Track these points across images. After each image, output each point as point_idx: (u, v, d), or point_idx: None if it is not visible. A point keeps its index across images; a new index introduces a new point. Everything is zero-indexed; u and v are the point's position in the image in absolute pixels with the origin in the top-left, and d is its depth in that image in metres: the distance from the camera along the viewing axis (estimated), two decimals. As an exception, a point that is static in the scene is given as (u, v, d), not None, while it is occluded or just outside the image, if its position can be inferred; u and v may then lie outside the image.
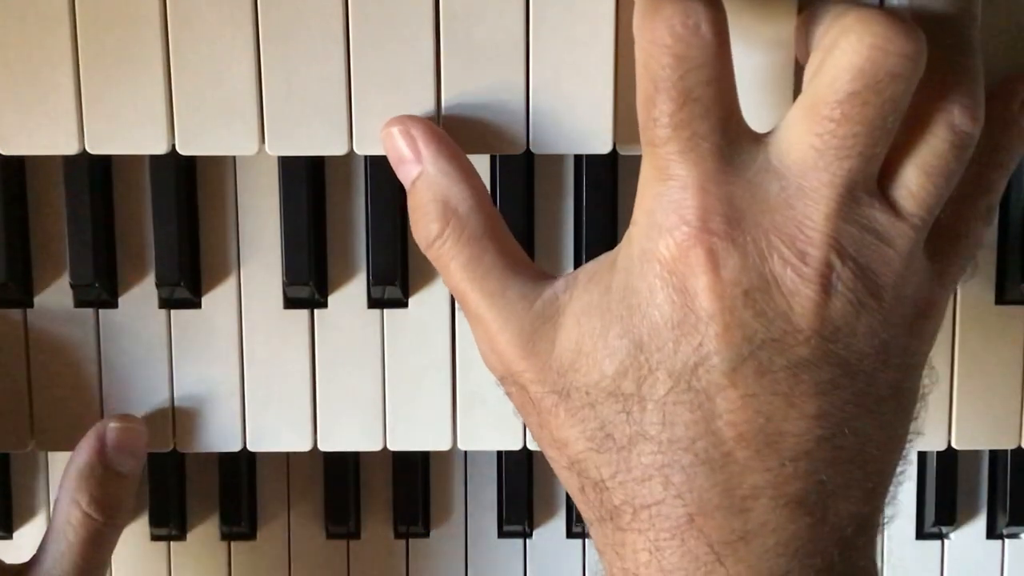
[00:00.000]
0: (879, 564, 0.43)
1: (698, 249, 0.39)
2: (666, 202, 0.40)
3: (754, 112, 0.41)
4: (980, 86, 0.41)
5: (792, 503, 0.40)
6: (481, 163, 0.50)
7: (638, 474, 0.40)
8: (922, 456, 0.57)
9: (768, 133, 0.40)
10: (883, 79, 0.38)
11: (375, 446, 0.53)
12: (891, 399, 0.41)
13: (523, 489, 0.58)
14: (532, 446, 0.52)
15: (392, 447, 0.53)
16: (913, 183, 0.40)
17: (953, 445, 0.54)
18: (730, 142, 0.39)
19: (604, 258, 0.43)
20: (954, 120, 0.40)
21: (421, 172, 0.44)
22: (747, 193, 0.39)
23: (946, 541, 0.59)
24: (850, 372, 0.40)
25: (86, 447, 0.51)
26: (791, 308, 0.39)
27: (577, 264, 0.51)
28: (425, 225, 0.44)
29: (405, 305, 0.52)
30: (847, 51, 0.38)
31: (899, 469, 0.43)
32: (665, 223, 0.40)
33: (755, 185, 0.39)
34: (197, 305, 0.52)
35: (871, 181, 0.40)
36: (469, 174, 0.44)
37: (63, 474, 0.52)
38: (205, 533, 0.58)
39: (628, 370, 0.40)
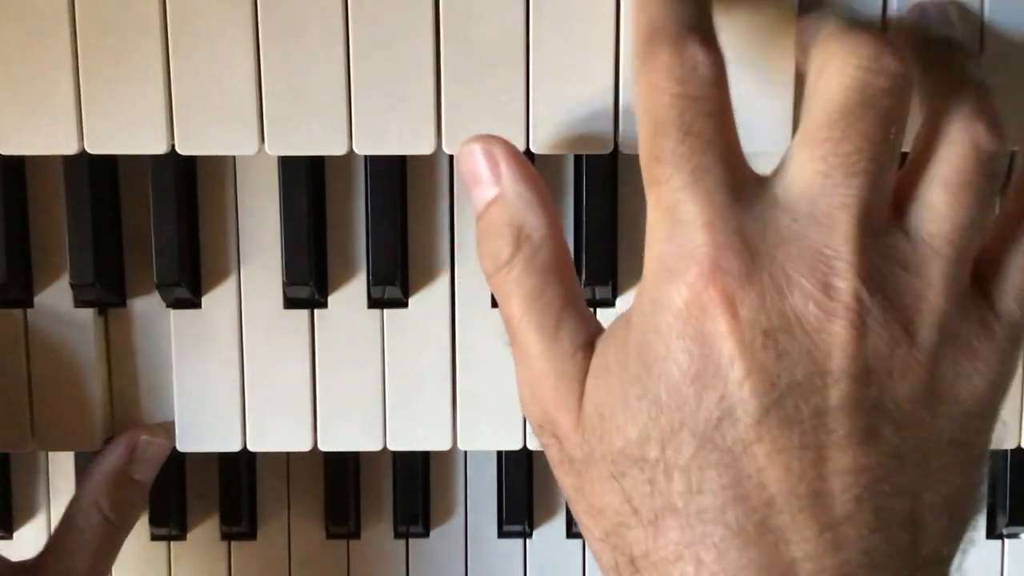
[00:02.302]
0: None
1: (711, 291, 0.36)
2: (674, 245, 0.37)
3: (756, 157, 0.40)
4: (997, 108, 0.39)
5: None
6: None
7: (668, 553, 0.37)
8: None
9: (771, 173, 0.39)
10: (875, 95, 0.36)
11: (375, 446, 0.53)
12: (943, 454, 0.37)
13: (523, 489, 0.58)
14: (532, 446, 0.52)
15: (392, 447, 0.53)
16: (936, 202, 0.38)
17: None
18: (734, 177, 0.38)
19: (622, 316, 0.40)
20: (978, 138, 0.38)
21: (498, 195, 0.42)
22: (758, 228, 0.37)
23: (946, 541, 0.59)
24: (888, 419, 0.36)
25: (116, 453, 0.52)
26: (816, 347, 0.36)
27: (577, 264, 0.51)
28: (496, 249, 0.41)
29: (405, 305, 0.52)
30: (835, 75, 0.37)
31: (963, 536, 0.39)
32: (675, 268, 0.37)
33: (765, 220, 0.37)
34: (197, 305, 0.52)
35: (885, 206, 0.38)
36: (546, 202, 0.42)
37: (84, 475, 0.53)
38: (205, 533, 0.58)
39: (651, 434, 0.37)
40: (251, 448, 0.53)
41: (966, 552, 0.39)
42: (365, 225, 0.51)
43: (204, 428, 0.52)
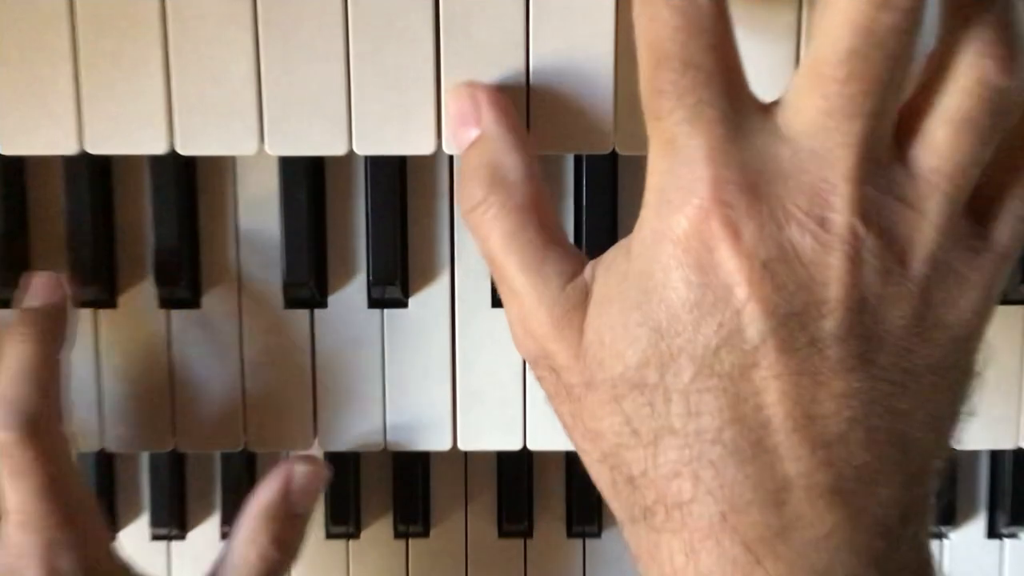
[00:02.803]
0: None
1: (712, 222, 0.37)
2: (675, 177, 0.38)
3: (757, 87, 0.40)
4: (1020, 38, 0.38)
5: (828, 493, 0.37)
6: (481, 163, 0.50)
7: (666, 471, 0.39)
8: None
9: (774, 102, 0.39)
10: (883, 34, 0.36)
11: (375, 446, 0.53)
12: (932, 376, 0.38)
13: (523, 489, 0.58)
14: (532, 446, 0.52)
15: (392, 447, 0.53)
16: (938, 138, 0.38)
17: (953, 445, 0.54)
18: (736, 110, 0.38)
19: (621, 244, 0.41)
20: (987, 74, 0.37)
21: (478, 136, 0.44)
22: (758, 161, 0.38)
23: (946, 541, 0.59)
24: (881, 346, 0.38)
25: (271, 487, 0.52)
26: (812, 278, 0.37)
27: (577, 264, 0.51)
28: (471, 189, 0.43)
29: (405, 305, 0.52)
30: (842, 10, 0.37)
31: (948, 450, 0.40)
32: (675, 199, 0.38)
33: (766, 153, 0.38)
34: (197, 305, 0.52)
35: (887, 141, 0.38)
36: (523, 144, 0.43)
37: (242, 515, 0.52)
38: (205, 533, 0.58)
39: (650, 359, 0.38)
40: (251, 448, 0.53)
41: (954, 462, 0.40)
42: (365, 225, 0.51)
43: (204, 428, 0.52)
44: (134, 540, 0.57)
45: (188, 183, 0.51)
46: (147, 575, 0.51)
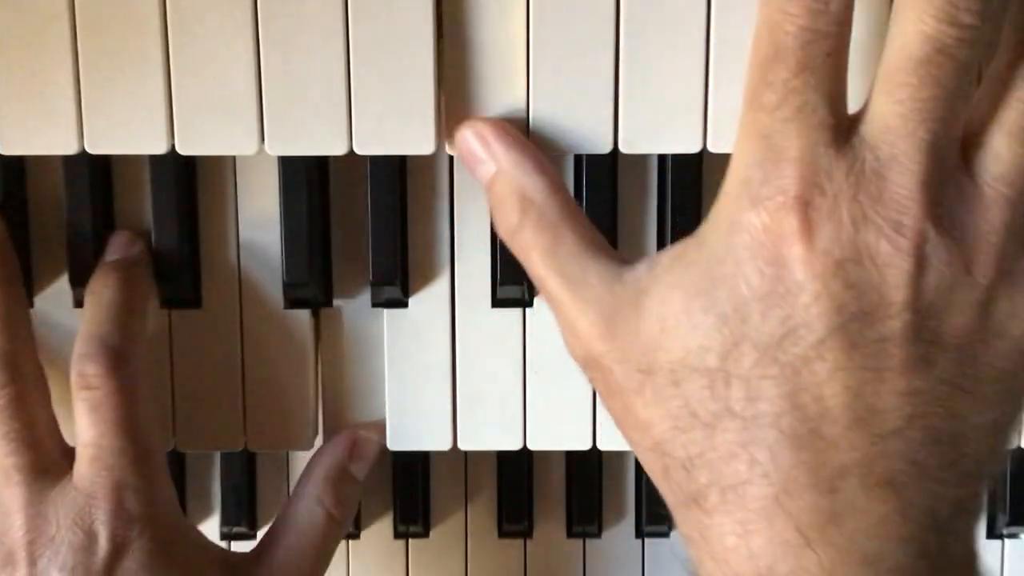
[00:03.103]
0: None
1: (792, 219, 0.39)
2: (763, 171, 0.39)
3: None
4: None
5: (882, 483, 0.38)
6: (481, 163, 0.50)
7: (723, 452, 0.40)
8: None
9: (857, 112, 0.40)
10: (952, 44, 0.38)
11: (382, 440, 0.53)
12: (994, 381, 0.40)
13: (523, 489, 0.58)
14: (532, 446, 0.52)
15: (392, 447, 0.53)
16: (1001, 149, 0.40)
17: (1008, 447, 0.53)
18: (836, 117, 0.39)
19: (688, 239, 0.42)
20: None
21: (496, 170, 0.45)
22: (844, 165, 0.39)
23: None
24: (944, 349, 0.39)
25: (339, 450, 0.52)
26: (884, 280, 0.38)
27: (577, 264, 0.51)
28: (505, 217, 0.45)
29: (405, 305, 0.52)
30: (912, 21, 0.38)
31: (1004, 452, 0.42)
32: (761, 193, 0.39)
33: (852, 158, 0.39)
34: (197, 305, 0.52)
35: (955, 150, 0.39)
36: (542, 165, 0.45)
37: (306, 473, 0.53)
38: (205, 533, 0.58)
39: (713, 344, 0.40)
40: (251, 448, 0.53)
41: (1006, 461, 0.42)
42: (365, 225, 0.51)
43: (204, 428, 0.52)
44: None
45: (188, 183, 0.50)
46: (205, 536, 0.51)
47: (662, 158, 0.50)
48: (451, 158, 0.51)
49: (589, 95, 0.46)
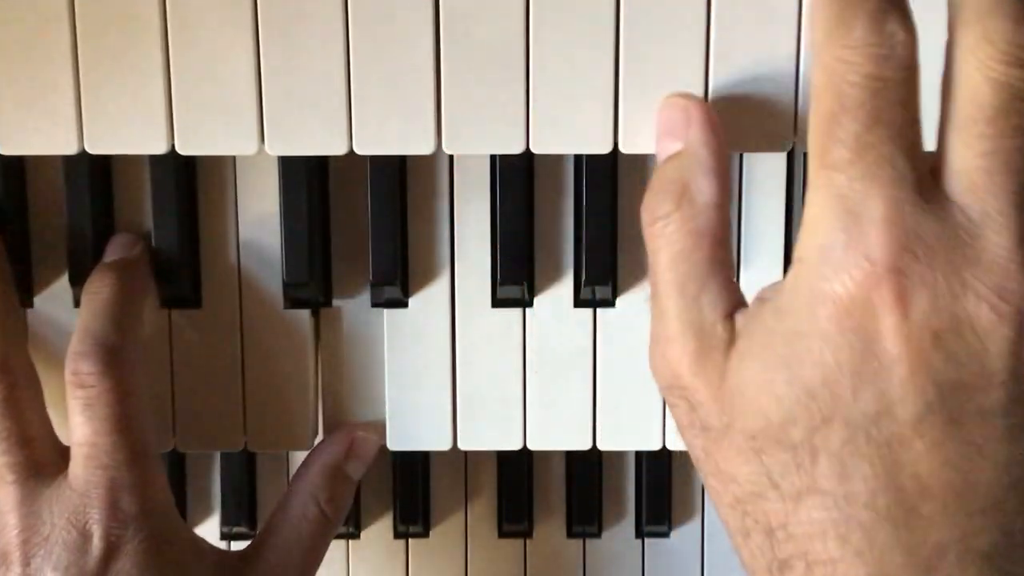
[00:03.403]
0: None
1: (883, 289, 0.36)
2: (846, 236, 0.36)
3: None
4: None
5: (980, 558, 0.36)
6: (481, 163, 0.50)
7: (810, 529, 0.37)
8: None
9: (935, 166, 0.38)
10: (1022, 88, 0.36)
11: (382, 441, 0.53)
12: None
13: (523, 489, 0.58)
14: (532, 446, 0.52)
15: (392, 447, 0.53)
16: None
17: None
18: (916, 171, 0.37)
19: (765, 297, 0.40)
20: None
21: (679, 151, 0.42)
22: (933, 226, 0.36)
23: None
24: None
25: (336, 447, 0.52)
26: (986, 349, 0.36)
27: (577, 264, 0.51)
28: (657, 202, 0.42)
29: (405, 305, 0.52)
30: (976, 65, 0.36)
31: None
32: (844, 260, 0.36)
33: (941, 218, 0.36)
34: (197, 305, 0.52)
35: None
36: (723, 174, 0.42)
37: (301, 469, 0.52)
38: (205, 533, 0.58)
39: (798, 419, 0.37)
40: (251, 448, 0.53)
41: None
42: (366, 225, 0.51)
43: (204, 428, 0.52)
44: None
45: (188, 183, 0.51)
46: (200, 536, 0.51)
47: (662, 158, 0.50)
48: (451, 158, 0.51)
49: (589, 95, 0.46)
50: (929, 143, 0.38)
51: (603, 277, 0.50)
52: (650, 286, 0.43)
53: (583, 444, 0.52)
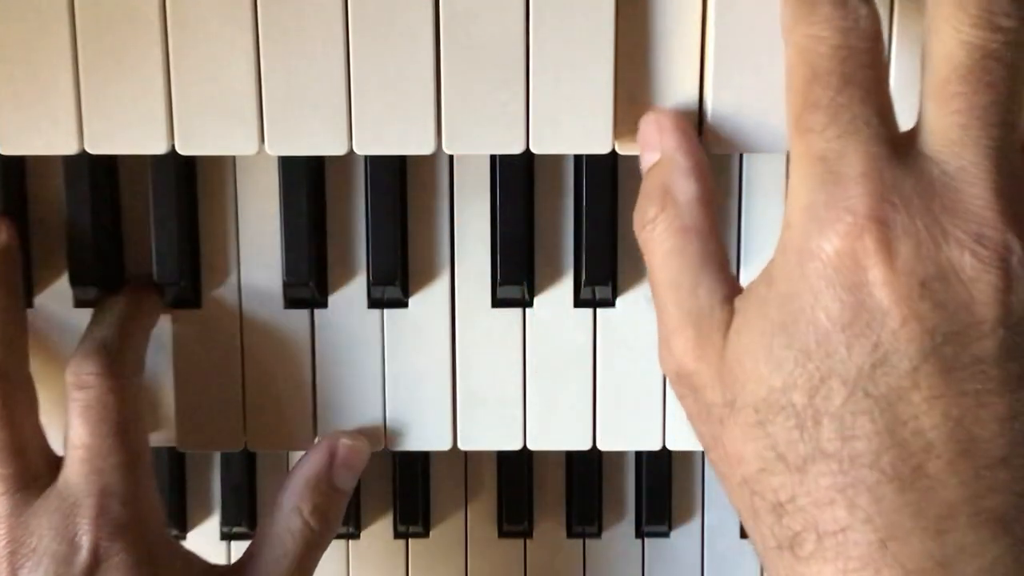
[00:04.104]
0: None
1: (866, 240, 0.37)
2: (826, 194, 0.38)
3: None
4: None
5: (992, 520, 0.36)
6: (481, 163, 0.50)
7: (819, 497, 0.38)
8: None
9: (910, 129, 0.39)
10: (997, 48, 0.37)
11: (375, 446, 0.53)
12: None
13: (523, 489, 0.58)
14: (532, 446, 0.52)
15: (392, 447, 0.53)
16: None
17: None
18: (889, 128, 0.38)
19: (759, 276, 0.41)
20: None
21: (657, 160, 0.44)
22: (911, 179, 0.37)
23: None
24: None
25: (316, 459, 0.52)
26: (972, 297, 0.36)
27: (577, 264, 0.51)
28: (644, 208, 0.44)
29: (405, 305, 0.52)
30: (950, 30, 0.37)
31: None
32: (827, 217, 0.38)
33: (917, 171, 0.38)
34: (198, 305, 0.52)
35: (1018, 152, 0.38)
36: (700, 172, 0.44)
37: (286, 481, 0.52)
38: (205, 533, 0.58)
39: (797, 381, 0.38)
40: (251, 448, 0.53)
41: None
42: (365, 225, 0.51)
43: (204, 428, 0.52)
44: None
45: (188, 183, 0.51)
46: (188, 549, 0.51)
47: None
48: (451, 158, 0.51)
49: (589, 95, 0.46)
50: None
51: (603, 277, 0.50)
52: (651, 286, 0.44)
53: (583, 444, 0.52)
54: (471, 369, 0.52)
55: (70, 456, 0.47)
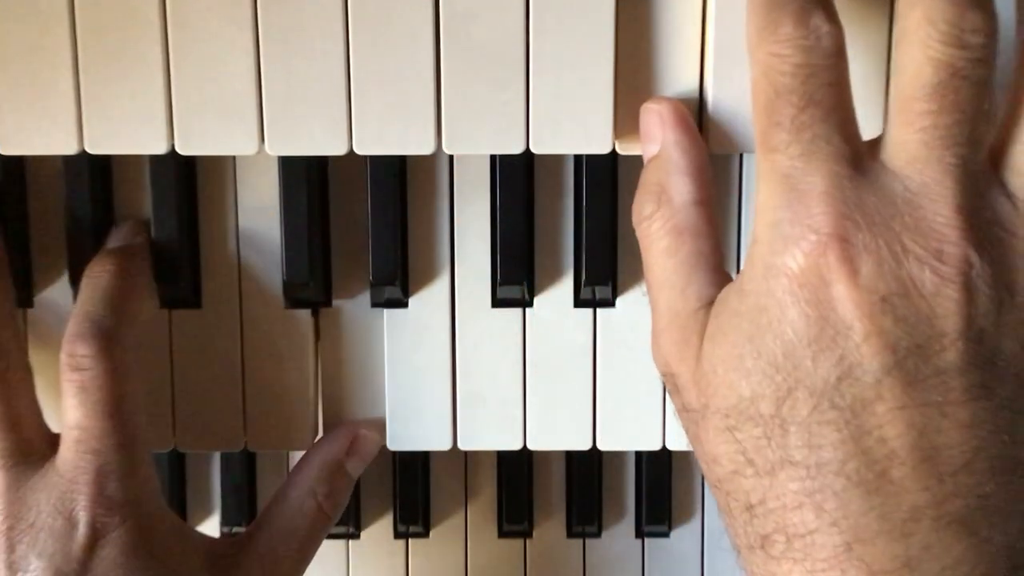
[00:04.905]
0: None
1: (830, 256, 0.38)
2: (791, 212, 0.39)
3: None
4: None
5: (955, 523, 0.37)
6: (481, 163, 0.50)
7: (787, 501, 0.39)
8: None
9: (874, 140, 0.40)
10: (964, 66, 0.37)
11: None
12: None
13: (523, 489, 0.58)
14: (532, 446, 0.52)
15: (392, 447, 0.53)
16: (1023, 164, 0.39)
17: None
18: (851, 147, 0.39)
19: (731, 285, 0.42)
20: None
21: (655, 154, 0.45)
22: (873, 197, 0.38)
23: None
24: (1000, 375, 0.38)
25: (338, 444, 0.52)
26: (933, 311, 0.37)
27: (577, 264, 0.51)
28: (641, 203, 0.44)
29: (405, 305, 0.52)
30: (919, 47, 0.38)
31: None
32: (791, 234, 0.39)
33: (879, 188, 0.39)
34: (198, 305, 0.52)
35: (985, 169, 0.39)
36: (698, 171, 0.44)
37: (302, 462, 0.52)
38: (205, 532, 0.58)
39: (765, 391, 0.39)
40: (251, 448, 0.53)
41: None
42: (365, 225, 0.51)
43: (204, 428, 0.52)
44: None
45: (188, 183, 0.51)
46: (188, 525, 0.51)
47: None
48: (451, 158, 0.51)
49: (589, 95, 0.46)
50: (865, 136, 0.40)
51: (603, 277, 0.50)
52: (646, 282, 0.45)
53: (583, 444, 0.52)
54: (471, 369, 0.52)
55: (66, 437, 0.47)
